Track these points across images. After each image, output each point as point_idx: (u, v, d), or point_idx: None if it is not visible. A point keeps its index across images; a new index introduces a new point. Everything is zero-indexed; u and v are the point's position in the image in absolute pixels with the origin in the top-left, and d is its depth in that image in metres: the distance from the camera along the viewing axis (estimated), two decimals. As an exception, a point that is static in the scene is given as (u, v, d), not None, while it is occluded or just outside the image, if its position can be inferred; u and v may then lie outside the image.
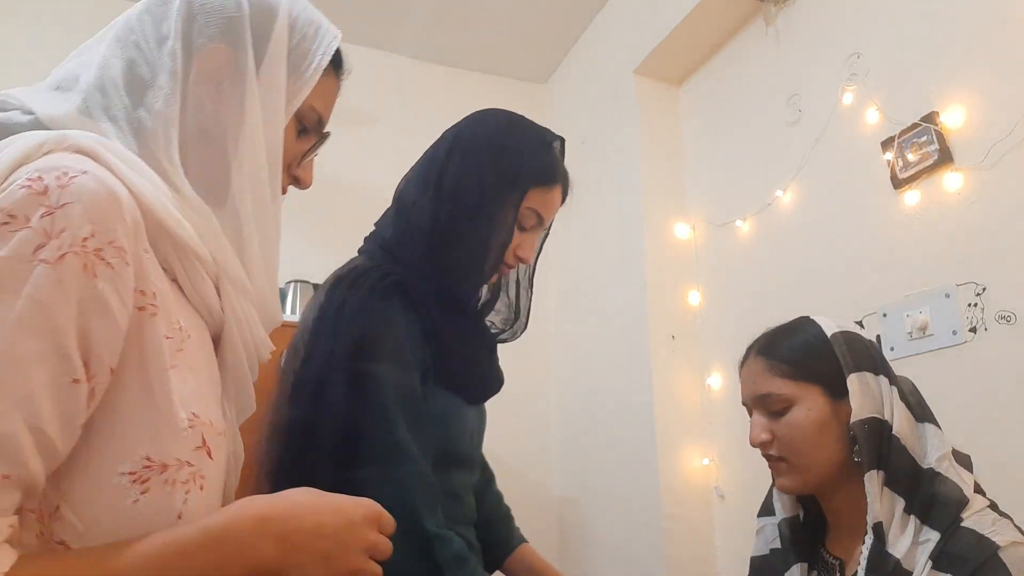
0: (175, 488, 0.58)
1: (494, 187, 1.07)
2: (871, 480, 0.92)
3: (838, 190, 1.72)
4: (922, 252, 1.49)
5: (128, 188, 0.60)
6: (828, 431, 0.98)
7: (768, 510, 1.12)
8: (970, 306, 1.37)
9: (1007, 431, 1.28)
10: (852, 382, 0.96)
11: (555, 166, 1.13)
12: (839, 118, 1.73)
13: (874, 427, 0.94)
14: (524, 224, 1.12)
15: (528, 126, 1.15)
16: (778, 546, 1.08)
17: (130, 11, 0.72)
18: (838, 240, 1.71)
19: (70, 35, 2.49)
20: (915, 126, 1.50)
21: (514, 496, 1.20)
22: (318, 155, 0.83)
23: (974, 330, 1.36)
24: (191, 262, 0.65)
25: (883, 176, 1.58)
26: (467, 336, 1.13)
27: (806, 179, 1.83)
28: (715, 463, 2.09)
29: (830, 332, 1.01)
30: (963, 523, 0.88)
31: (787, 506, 1.09)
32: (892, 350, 1.51)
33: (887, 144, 1.57)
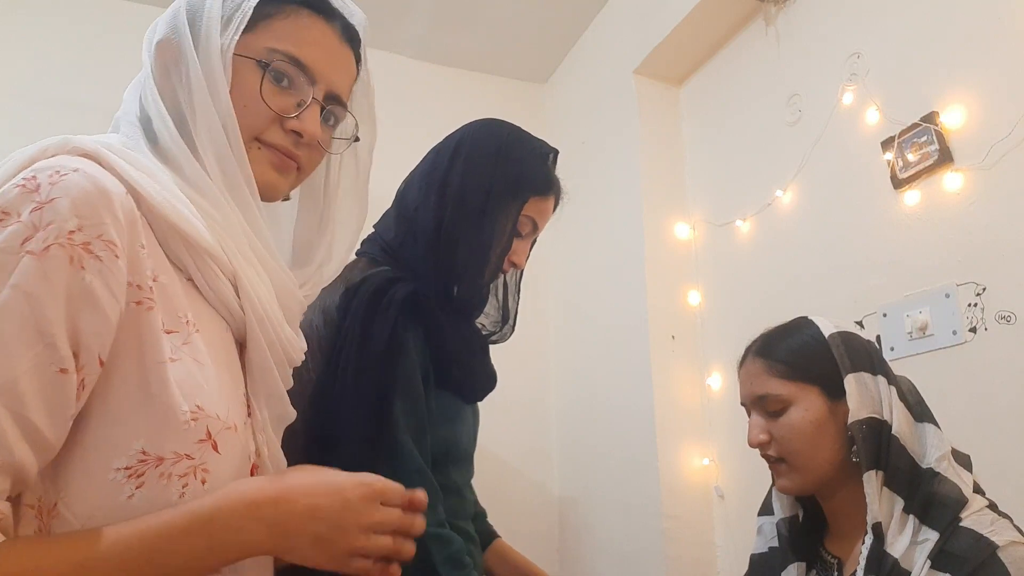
0: (171, 481, 0.58)
1: (499, 194, 1.11)
2: (870, 480, 0.93)
3: (838, 190, 1.72)
4: (922, 252, 1.49)
5: (131, 187, 0.61)
6: (826, 431, 0.98)
7: (768, 509, 1.13)
8: (970, 306, 1.37)
9: (1007, 431, 1.28)
10: (849, 382, 0.97)
11: (552, 176, 1.19)
12: (839, 118, 1.73)
13: (872, 427, 0.94)
14: (520, 231, 1.16)
15: (528, 137, 1.20)
16: (777, 545, 1.08)
17: None
18: (838, 240, 1.70)
19: (69, 35, 2.47)
20: (915, 126, 1.50)
21: (514, 496, 1.20)
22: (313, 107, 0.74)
23: (974, 330, 1.36)
24: (204, 260, 0.66)
25: (883, 176, 1.58)
26: (465, 338, 1.15)
27: (806, 179, 1.83)
28: (715, 463, 2.09)
29: (828, 332, 1.01)
30: (962, 523, 0.88)
31: (786, 506, 1.09)
32: (892, 350, 1.51)
33: (887, 144, 1.57)
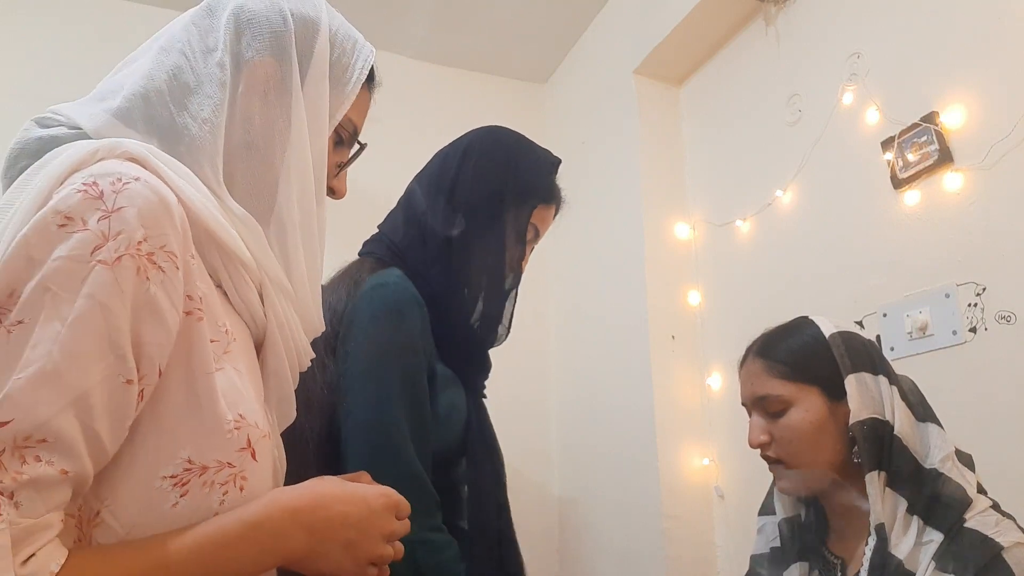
0: (213, 489, 0.59)
1: (509, 200, 1.14)
2: (872, 481, 0.92)
3: (838, 190, 1.72)
4: (922, 252, 1.49)
5: (176, 194, 0.61)
6: (826, 432, 0.98)
7: (769, 509, 1.12)
8: (970, 306, 1.37)
9: (1007, 431, 1.28)
10: (850, 383, 0.96)
11: (556, 186, 1.22)
12: (839, 118, 1.73)
13: (874, 428, 0.94)
14: (525, 237, 1.18)
15: (534, 146, 1.23)
16: (778, 545, 1.08)
17: (174, 24, 0.73)
18: (838, 240, 1.71)
19: (69, 35, 2.47)
20: (915, 126, 1.50)
21: (514, 496, 1.20)
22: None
23: (974, 330, 1.36)
24: (236, 268, 0.66)
25: (883, 176, 1.58)
26: (468, 333, 1.15)
27: (806, 179, 1.83)
28: (715, 463, 2.09)
29: (828, 333, 1.01)
30: (966, 524, 0.88)
31: (787, 506, 1.09)
32: (892, 350, 1.51)
33: (887, 144, 1.57)
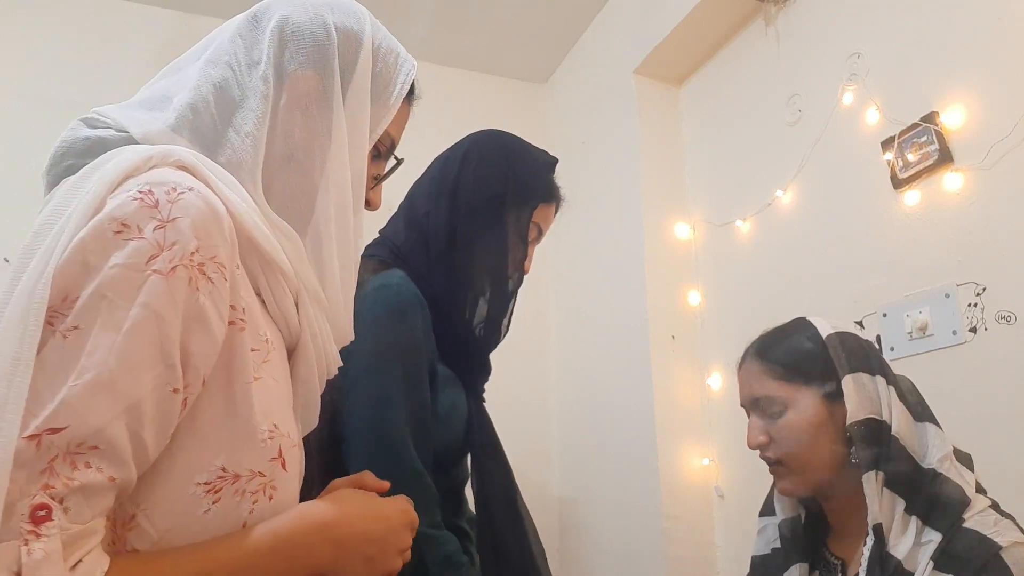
0: (244, 497, 0.60)
1: (510, 201, 1.15)
2: (869, 481, 0.92)
3: (838, 190, 1.72)
4: (922, 252, 1.49)
5: (224, 204, 0.62)
6: (824, 433, 0.98)
7: (769, 510, 1.12)
8: (970, 306, 1.37)
9: (1007, 431, 1.28)
10: (847, 384, 0.96)
11: (554, 184, 1.24)
12: (839, 118, 1.73)
13: (871, 428, 0.94)
14: (528, 237, 1.20)
15: (532, 147, 1.24)
16: (779, 546, 1.08)
17: (221, 33, 0.74)
18: (838, 240, 1.71)
19: (69, 35, 2.47)
20: (915, 126, 1.50)
21: (514, 496, 1.21)
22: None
23: (974, 330, 1.36)
24: (276, 277, 0.67)
25: (883, 176, 1.58)
26: (469, 335, 1.16)
27: (806, 179, 1.83)
28: (715, 463, 2.09)
29: (826, 334, 1.01)
30: (965, 524, 0.88)
31: (788, 507, 1.09)
32: (892, 350, 1.51)
33: (887, 144, 1.57)
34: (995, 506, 0.92)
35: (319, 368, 0.74)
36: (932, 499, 0.90)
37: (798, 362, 1.01)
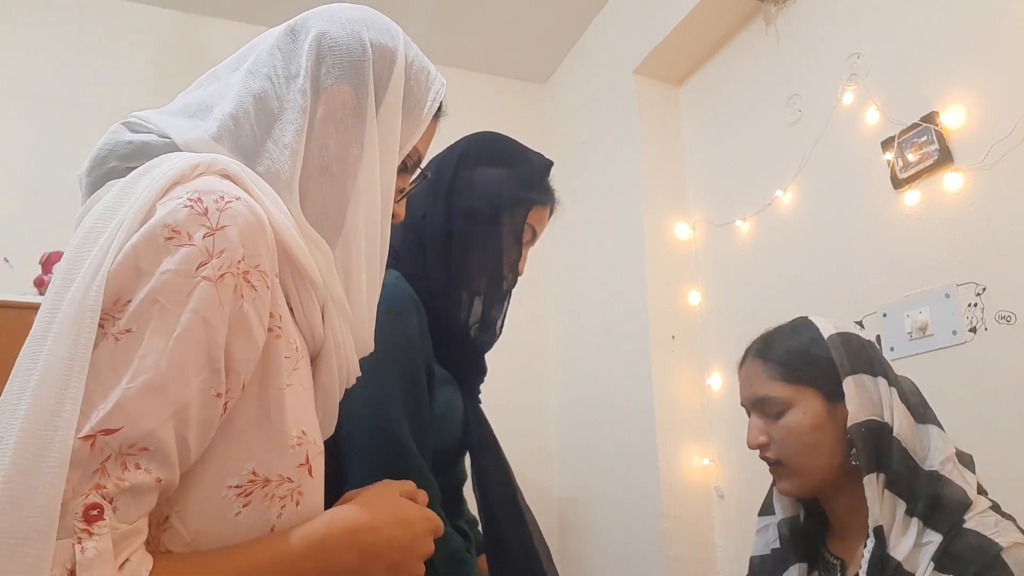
0: (272, 502, 0.61)
1: (506, 203, 1.16)
2: (870, 483, 0.92)
3: (838, 190, 1.72)
4: (922, 252, 1.49)
5: (267, 215, 0.63)
6: (825, 434, 0.98)
7: (769, 509, 1.12)
8: (970, 306, 1.37)
9: (1007, 431, 1.28)
10: (848, 385, 0.96)
11: (550, 187, 1.24)
12: (839, 118, 1.73)
13: (872, 430, 0.94)
14: (523, 239, 1.20)
15: (527, 149, 1.25)
16: (778, 546, 1.08)
17: (260, 45, 0.76)
18: (838, 240, 1.71)
19: (69, 35, 2.47)
20: (915, 126, 1.50)
21: (514, 496, 1.21)
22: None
23: (974, 330, 1.36)
24: (306, 287, 0.68)
25: (883, 176, 1.58)
26: (465, 336, 1.16)
27: (806, 179, 1.83)
28: (715, 463, 2.09)
29: (827, 334, 1.01)
30: (966, 524, 0.87)
31: (787, 507, 1.09)
32: (892, 350, 1.51)
33: (887, 144, 1.57)
34: (996, 507, 0.92)
35: (340, 377, 0.75)
36: (933, 501, 0.90)
37: (799, 362, 1.00)
